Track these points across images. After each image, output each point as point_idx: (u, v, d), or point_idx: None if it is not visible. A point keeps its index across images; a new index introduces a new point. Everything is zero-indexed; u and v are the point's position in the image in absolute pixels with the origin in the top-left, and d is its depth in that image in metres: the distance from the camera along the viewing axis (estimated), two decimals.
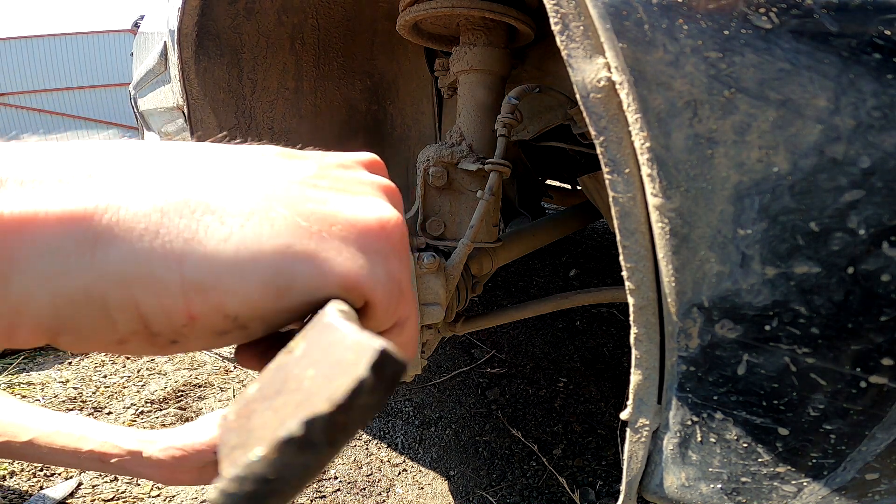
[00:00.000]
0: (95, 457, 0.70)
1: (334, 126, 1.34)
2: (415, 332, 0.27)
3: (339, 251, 0.21)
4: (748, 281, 0.33)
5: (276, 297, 0.19)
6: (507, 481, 1.24)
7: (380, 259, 0.23)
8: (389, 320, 0.24)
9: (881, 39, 0.27)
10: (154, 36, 1.76)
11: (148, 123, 2.43)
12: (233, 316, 0.19)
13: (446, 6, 0.72)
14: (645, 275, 0.38)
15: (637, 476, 0.44)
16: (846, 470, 0.35)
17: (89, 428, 0.73)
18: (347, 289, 0.21)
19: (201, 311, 0.19)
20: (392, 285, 0.23)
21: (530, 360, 1.74)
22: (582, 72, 0.36)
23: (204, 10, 1.05)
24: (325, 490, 1.21)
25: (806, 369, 0.33)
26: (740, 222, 0.32)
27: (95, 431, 0.72)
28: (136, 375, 1.67)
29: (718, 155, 0.32)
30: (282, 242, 0.20)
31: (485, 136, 0.81)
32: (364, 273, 0.21)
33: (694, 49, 0.31)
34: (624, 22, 0.32)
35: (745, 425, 0.37)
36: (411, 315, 0.26)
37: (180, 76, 1.11)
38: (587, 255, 2.71)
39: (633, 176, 0.36)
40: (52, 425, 0.72)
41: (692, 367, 0.37)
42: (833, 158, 0.29)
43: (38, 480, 1.19)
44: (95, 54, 12.81)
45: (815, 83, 0.29)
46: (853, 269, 0.30)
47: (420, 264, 0.61)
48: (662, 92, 0.32)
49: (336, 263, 0.21)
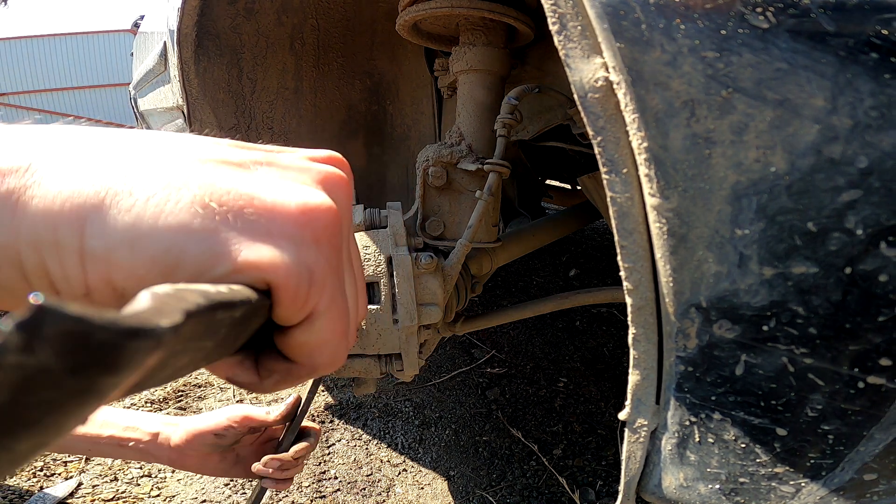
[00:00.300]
0: (115, 442, 0.72)
1: (334, 126, 1.34)
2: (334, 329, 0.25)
3: (241, 234, 0.21)
4: (746, 281, 0.33)
5: (162, 275, 0.19)
6: (507, 481, 1.24)
7: (291, 245, 0.22)
8: (297, 310, 0.23)
9: (878, 39, 0.27)
10: (154, 36, 1.76)
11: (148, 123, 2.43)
12: (120, 289, 0.19)
13: (445, 6, 0.72)
14: (643, 275, 0.38)
15: (635, 476, 0.44)
16: (844, 470, 0.35)
17: (109, 414, 0.75)
18: (242, 272, 0.21)
19: (93, 282, 0.19)
20: (300, 274, 0.22)
21: (530, 360, 1.74)
22: (579, 72, 0.36)
23: (203, 10, 1.05)
24: (325, 490, 1.21)
25: (804, 370, 0.33)
26: (738, 222, 0.32)
27: (116, 417, 0.74)
28: None
29: (716, 155, 0.32)
30: (179, 220, 0.20)
31: (484, 136, 0.81)
32: (265, 258, 0.21)
33: (691, 49, 0.31)
34: (621, 22, 0.32)
35: (744, 426, 0.37)
36: (330, 310, 0.24)
37: (180, 76, 1.11)
38: (587, 255, 2.71)
39: (630, 176, 0.36)
40: None
41: (690, 367, 0.37)
42: (831, 158, 0.29)
43: (39, 480, 1.20)
44: (95, 54, 12.83)
45: (812, 83, 0.28)
46: (851, 269, 0.30)
47: (417, 264, 0.61)
48: (660, 92, 0.32)
49: (232, 246, 0.20)
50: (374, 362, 0.63)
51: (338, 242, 0.25)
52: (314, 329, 0.24)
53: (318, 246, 0.23)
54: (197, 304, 0.16)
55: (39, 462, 1.25)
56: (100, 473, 1.24)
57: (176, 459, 0.75)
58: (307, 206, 0.23)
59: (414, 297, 0.59)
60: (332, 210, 0.25)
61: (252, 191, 0.22)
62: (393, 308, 0.59)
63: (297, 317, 0.23)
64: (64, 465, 1.25)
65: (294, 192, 0.24)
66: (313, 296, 0.23)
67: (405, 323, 0.58)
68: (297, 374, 0.26)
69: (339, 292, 0.25)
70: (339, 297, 0.25)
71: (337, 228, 0.25)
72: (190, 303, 0.16)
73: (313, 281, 0.23)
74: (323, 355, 0.25)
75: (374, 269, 0.59)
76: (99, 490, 1.19)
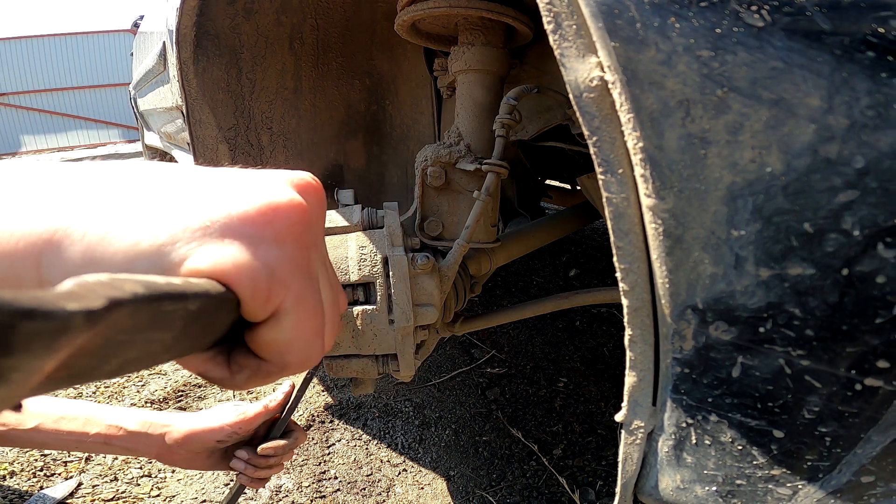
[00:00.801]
0: (101, 439, 0.73)
1: (333, 126, 1.33)
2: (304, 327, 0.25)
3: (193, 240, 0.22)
4: (742, 282, 0.33)
5: None
6: (507, 481, 1.23)
7: (247, 245, 0.23)
8: (260, 307, 0.23)
9: (874, 37, 0.27)
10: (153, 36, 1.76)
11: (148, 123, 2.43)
12: None
13: (443, 6, 0.71)
14: (639, 276, 0.37)
15: (632, 478, 0.44)
16: (841, 472, 0.34)
17: (94, 411, 0.76)
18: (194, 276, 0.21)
19: None
20: (256, 271, 0.22)
21: (530, 360, 1.74)
22: (575, 71, 0.36)
23: (202, 10, 1.04)
24: (325, 490, 1.20)
25: (801, 371, 0.33)
26: (734, 223, 0.32)
27: (101, 414, 0.75)
28: (136, 375, 1.68)
29: (711, 155, 0.31)
30: (128, 242, 0.21)
31: (483, 136, 0.81)
32: (213, 261, 0.22)
33: (686, 48, 0.30)
34: (616, 21, 0.32)
35: (740, 427, 0.36)
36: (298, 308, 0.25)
37: (179, 76, 1.11)
38: (587, 255, 2.71)
39: (626, 176, 0.35)
40: (58, 411, 0.74)
41: (687, 368, 0.37)
42: (827, 158, 0.29)
43: (39, 480, 1.20)
44: (95, 54, 12.85)
45: (808, 82, 0.28)
46: (848, 270, 0.30)
47: (413, 265, 0.61)
48: (655, 91, 0.32)
49: (180, 254, 0.21)
50: (370, 362, 0.62)
51: (306, 241, 0.25)
52: (281, 326, 0.24)
53: (281, 244, 0.24)
54: (132, 292, 0.16)
55: (39, 462, 1.25)
56: (100, 473, 1.24)
57: (164, 455, 0.75)
58: (270, 206, 0.24)
59: (410, 298, 0.59)
60: (299, 208, 0.25)
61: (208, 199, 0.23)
62: (389, 308, 0.59)
63: (261, 313, 0.24)
64: (64, 465, 1.25)
65: (258, 194, 0.24)
66: (276, 293, 0.23)
67: (401, 323, 0.58)
68: (266, 372, 0.26)
69: (308, 290, 0.25)
70: (308, 295, 0.25)
71: (305, 227, 0.25)
72: (122, 290, 0.16)
73: (275, 278, 0.23)
74: (292, 353, 0.25)
75: (370, 270, 0.58)
76: (99, 490, 1.19)
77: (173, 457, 0.76)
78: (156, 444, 0.75)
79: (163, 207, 0.22)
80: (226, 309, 0.22)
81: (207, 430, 0.74)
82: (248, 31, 1.12)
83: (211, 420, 0.75)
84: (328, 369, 0.63)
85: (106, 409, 0.77)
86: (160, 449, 0.75)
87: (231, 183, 0.25)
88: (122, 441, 0.74)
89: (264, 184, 0.25)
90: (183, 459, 0.76)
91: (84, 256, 0.21)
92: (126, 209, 0.22)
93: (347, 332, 0.58)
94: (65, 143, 12.86)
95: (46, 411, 0.74)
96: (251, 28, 1.12)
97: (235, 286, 0.22)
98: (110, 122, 13.15)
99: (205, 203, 0.23)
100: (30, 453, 1.28)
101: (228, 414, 0.75)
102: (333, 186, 1.38)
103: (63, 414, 0.74)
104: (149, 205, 0.22)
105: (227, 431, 0.73)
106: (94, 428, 0.73)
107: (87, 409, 0.76)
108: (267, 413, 0.75)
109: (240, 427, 0.73)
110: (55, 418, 0.73)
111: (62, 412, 0.74)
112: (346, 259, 0.59)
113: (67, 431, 0.73)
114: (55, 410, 0.74)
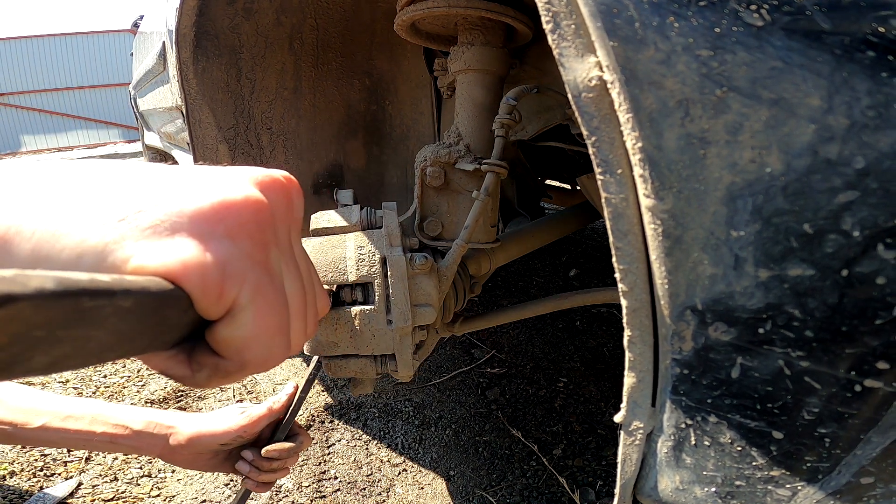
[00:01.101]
0: (107, 438, 0.74)
1: (333, 126, 1.33)
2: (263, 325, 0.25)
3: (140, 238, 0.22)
4: (741, 283, 0.32)
5: None
6: (507, 481, 1.23)
7: (195, 241, 0.22)
8: (211, 303, 0.23)
9: (875, 37, 0.26)
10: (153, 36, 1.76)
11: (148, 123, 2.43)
12: None
13: (442, 6, 0.71)
14: (638, 277, 0.37)
15: (631, 479, 0.44)
16: (841, 474, 0.34)
17: (100, 409, 0.77)
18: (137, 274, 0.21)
19: None
20: (205, 268, 0.22)
21: (530, 360, 1.74)
22: (573, 71, 0.35)
23: (202, 10, 1.04)
24: (325, 490, 1.20)
25: (800, 373, 0.32)
26: (733, 224, 0.32)
27: (107, 413, 0.76)
28: (137, 375, 1.68)
29: (711, 155, 0.31)
30: (75, 241, 0.21)
31: (482, 136, 0.81)
32: (164, 259, 0.22)
33: (685, 47, 0.30)
34: (615, 20, 0.32)
35: (740, 429, 0.36)
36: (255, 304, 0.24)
37: (178, 76, 1.11)
38: (587, 255, 2.70)
39: (625, 177, 0.35)
40: (64, 410, 0.75)
41: (686, 369, 0.37)
42: (827, 159, 0.29)
43: (39, 480, 1.20)
44: (95, 54, 12.86)
45: (808, 81, 0.28)
46: (848, 271, 0.30)
47: (412, 265, 0.61)
48: (654, 91, 0.31)
49: (125, 253, 0.21)
50: (369, 363, 0.62)
51: (264, 237, 0.25)
52: (237, 323, 0.24)
53: (234, 239, 0.24)
54: (36, 288, 0.16)
55: (39, 462, 1.25)
56: (100, 473, 1.24)
57: (167, 455, 0.76)
58: (222, 202, 0.24)
59: (408, 298, 0.58)
60: (255, 205, 0.25)
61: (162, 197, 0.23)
62: (387, 309, 0.58)
63: (214, 310, 0.23)
64: (64, 465, 1.25)
65: (212, 191, 0.24)
66: (229, 288, 0.23)
67: (399, 324, 0.58)
68: (225, 370, 0.26)
69: (266, 286, 0.25)
70: (267, 291, 0.25)
71: (262, 223, 0.25)
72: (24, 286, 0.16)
73: (226, 273, 0.23)
74: (251, 351, 0.25)
75: (368, 270, 0.58)
76: (99, 490, 1.19)
77: (177, 457, 0.77)
78: (160, 444, 0.75)
79: (115, 205, 0.22)
80: (177, 307, 0.22)
81: (212, 434, 0.74)
82: (247, 31, 1.12)
83: (216, 423, 0.75)
84: (327, 369, 0.63)
85: (112, 408, 0.78)
86: (164, 449, 0.76)
87: (188, 181, 0.24)
88: (128, 440, 0.75)
89: (222, 181, 0.25)
90: (187, 460, 0.77)
91: (32, 254, 0.21)
92: (78, 207, 0.22)
93: (345, 333, 0.58)
94: (65, 143, 12.87)
95: (53, 409, 0.75)
96: (251, 28, 1.12)
97: (183, 282, 0.22)
98: (110, 122, 13.16)
99: (157, 201, 0.23)
100: (30, 453, 1.28)
101: (233, 417, 0.75)
102: (333, 186, 1.38)
103: (70, 413, 0.75)
104: (101, 203, 0.22)
105: (231, 435, 0.74)
106: (100, 427, 0.74)
107: (93, 407, 0.77)
108: (271, 415, 0.75)
109: (244, 431, 0.74)
110: (62, 417, 0.74)
111: (69, 411, 0.75)
112: (344, 259, 0.59)
113: (74, 430, 0.74)
114: (62, 409, 0.75)
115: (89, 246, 0.21)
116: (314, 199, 1.36)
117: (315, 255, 0.59)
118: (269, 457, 0.72)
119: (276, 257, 0.27)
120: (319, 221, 0.64)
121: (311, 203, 1.36)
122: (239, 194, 0.24)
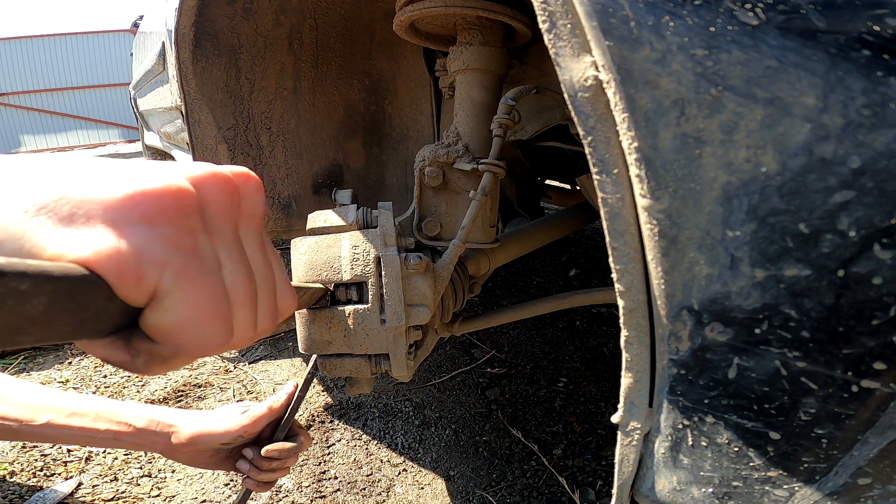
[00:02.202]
0: (111, 435, 0.75)
1: (332, 126, 1.33)
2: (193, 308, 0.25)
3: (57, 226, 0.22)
4: (738, 283, 0.32)
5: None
6: (507, 481, 1.23)
7: (113, 229, 0.23)
8: (132, 288, 0.23)
9: (870, 35, 0.26)
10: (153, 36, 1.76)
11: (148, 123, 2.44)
12: None
13: (440, 5, 0.71)
14: (634, 277, 0.37)
15: (629, 479, 0.44)
16: (838, 475, 0.34)
17: (103, 406, 0.78)
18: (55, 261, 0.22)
19: None
20: (119, 253, 0.23)
21: (530, 360, 1.74)
22: (569, 71, 0.35)
23: (201, 10, 1.04)
24: (325, 490, 1.20)
25: (797, 373, 0.32)
26: (729, 224, 0.32)
27: (110, 410, 0.77)
28: (137, 376, 1.68)
29: (706, 155, 0.31)
30: None
31: (481, 136, 0.81)
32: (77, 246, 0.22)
33: (680, 46, 0.30)
34: (610, 19, 0.32)
35: (737, 429, 0.36)
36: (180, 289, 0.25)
37: (178, 76, 1.11)
38: (587, 255, 2.70)
39: (621, 176, 0.35)
40: (68, 406, 0.76)
41: (683, 370, 0.37)
42: (822, 158, 0.28)
43: (39, 480, 1.20)
44: (95, 54, 12.88)
45: (803, 81, 0.28)
46: (844, 271, 0.29)
47: (406, 265, 0.61)
48: (649, 91, 0.31)
49: (42, 240, 0.22)
50: (363, 362, 0.62)
51: (189, 223, 0.26)
52: (164, 308, 0.24)
53: (151, 224, 0.24)
54: None
55: (39, 462, 1.25)
56: (100, 473, 1.24)
57: (169, 452, 0.77)
58: (138, 191, 0.24)
59: (402, 298, 0.58)
60: (176, 192, 0.25)
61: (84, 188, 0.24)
62: (381, 308, 0.58)
63: (135, 295, 0.24)
64: (64, 465, 1.26)
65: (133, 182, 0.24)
66: (148, 273, 0.24)
67: (392, 323, 0.58)
68: (161, 355, 0.26)
69: (194, 270, 0.25)
70: (194, 275, 0.25)
71: (187, 210, 0.25)
72: None
73: (144, 258, 0.23)
74: (183, 335, 0.25)
75: (363, 269, 0.58)
76: (99, 490, 1.19)
77: (178, 454, 0.78)
78: (162, 441, 0.77)
79: (39, 195, 0.23)
80: (98, 294, 0.22)
81: (212, 433, 0.75)
82: (247, 31, 1.12)
83: (217, 423, 0.76)
84: (321, 368, 0.63)
85: (115, 405, 0.79)
86: (165, 447, 0.77)
87: (116, 173, 0.25)
88: (130, 438, 0.76)
89: (148, 173, 0.26)
90: (188, 458, 0.78)
91: None
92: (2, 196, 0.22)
93: (339, 331, 0.58)
94: (65, 143, 12.89)
95: (58, 406, 0.76)
96: (250, 28, 1.12)
97: (98, 269, 0.22)
98: (110, 122, 13.18)
99: (80, 191, 0.23)
100: (30, 453, 1.28)
101: (234, 417, 0.76)
102: (333, 186, 1.38)
103: (74, 409, 0.76)
104: (27, 193, 0.23)
105: (232, 435, 0.74)
106: (103, 424, 0.75)
107: (97, 404, 0.78)
108: (271, 414, 0.76)
109: (245, 430, 0.75)
110: (67, 413, 0.75)
111: (73, 408, 0.76)
112: (339, 258, 0.59)
113: (78, 427, 0.75)
114: (66, 406, 0.76)
115: (9, 233, 0.22)
116: (314, 198, 1.36)
117: (310, 253, 0.59)
118: (270, 456, 0.72)
119: (206, 243, 0.27)
120: (316, 221, 0.64)
121: (311, 203, 1.36)
122: (157, 184, 0.25)
